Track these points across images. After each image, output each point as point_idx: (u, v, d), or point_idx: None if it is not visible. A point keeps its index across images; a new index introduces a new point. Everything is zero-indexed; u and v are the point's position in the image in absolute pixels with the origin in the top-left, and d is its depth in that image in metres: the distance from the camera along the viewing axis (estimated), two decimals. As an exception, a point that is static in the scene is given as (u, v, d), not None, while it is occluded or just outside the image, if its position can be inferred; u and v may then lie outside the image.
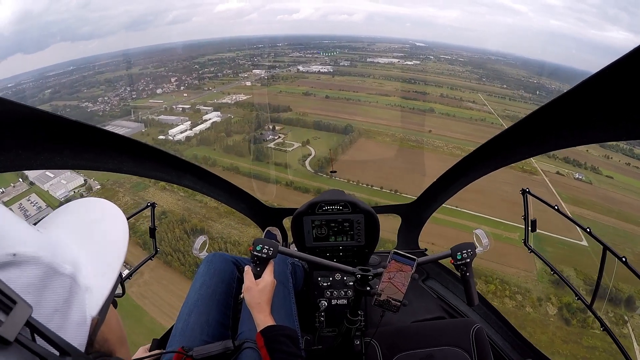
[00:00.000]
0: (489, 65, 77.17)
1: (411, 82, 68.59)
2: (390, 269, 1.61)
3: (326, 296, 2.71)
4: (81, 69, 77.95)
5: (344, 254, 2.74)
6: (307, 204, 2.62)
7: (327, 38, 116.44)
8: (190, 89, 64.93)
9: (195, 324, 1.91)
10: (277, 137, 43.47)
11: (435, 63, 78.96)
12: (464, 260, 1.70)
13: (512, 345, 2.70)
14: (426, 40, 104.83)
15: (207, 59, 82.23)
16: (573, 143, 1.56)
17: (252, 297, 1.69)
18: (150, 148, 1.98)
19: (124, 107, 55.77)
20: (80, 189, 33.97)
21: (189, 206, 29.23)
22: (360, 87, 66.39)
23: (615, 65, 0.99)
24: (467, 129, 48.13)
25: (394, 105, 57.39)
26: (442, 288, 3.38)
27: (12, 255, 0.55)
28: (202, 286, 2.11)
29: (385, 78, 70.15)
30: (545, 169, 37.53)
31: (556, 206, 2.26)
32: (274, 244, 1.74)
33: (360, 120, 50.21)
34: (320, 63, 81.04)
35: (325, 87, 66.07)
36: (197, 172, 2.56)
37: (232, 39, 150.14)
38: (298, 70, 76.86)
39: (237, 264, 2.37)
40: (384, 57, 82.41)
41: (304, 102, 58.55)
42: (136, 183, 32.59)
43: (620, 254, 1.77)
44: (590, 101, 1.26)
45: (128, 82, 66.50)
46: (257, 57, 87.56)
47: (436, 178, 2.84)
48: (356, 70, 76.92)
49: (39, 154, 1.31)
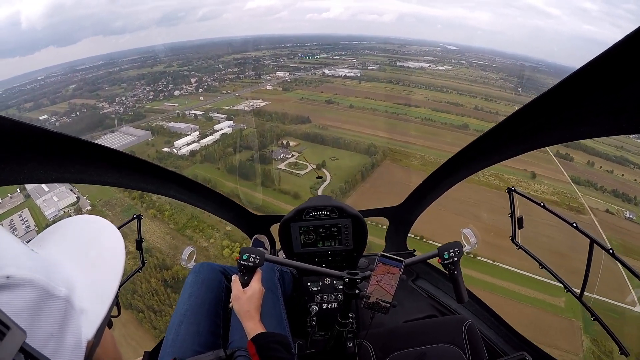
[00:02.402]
0: (523, 73, 69.84)
1: (443, 91, 61.79)
2: (378, 272, 1.61)
3: (317, 301, 2.65)
4: (109, 65, 77.12)
5: (333, 258, 2.69)
6: (294, 211, 2.57)
7: (357, 38, 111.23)
8: (209, 91, 61.32)
9: (186, 335, 1.85)
10: (290, 155, 37.73)
11: (468, 69, 73.25)
12: (452, 259, 1.71)
13: (504, 339, 2.66)
14: (457, 43, 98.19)
15: (233, 57, 79.09)
16: (561, 139, 1.56)
17: (241, 305, 1.66)
18: (135, 159, 1.86)
19: (139, 109, 52.88)
20: (71, 208, 30.65)
21: (177, 243, 24.67)
22: (388, 95, 60.04)
23: (601, 58, 0.96)
24: None
25: (424, 118, 50.48)
26: (432, 287, 3.32)
27: (5, 277, 0.53)
28: (190, 296, 2.04)
29: (415, 85, 63.77)
30: (593, 206, 32.17)
31: (542, 203, 2.22)
32: (260, 252, 1.71)
33: (385, 138, 43.43)
34: (348, 66, 75.75)
35: (350, 95, 60.08)
36: (183, 183, 2.48)
37: (261, 37, 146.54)
38: (323, 73, 71.77)
39: (225, 273, 2.29)
40: (414, 61, 76.68)
41: (325, 112, 52.71)
42: (127, 207, 28.47)
43: None
44: (577, 96, 1.23)
45: (150, 80, 64.49)
46: (282, 58, 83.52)
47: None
48: (385, 75, 70.77)
49: (23, 167, 1.26)
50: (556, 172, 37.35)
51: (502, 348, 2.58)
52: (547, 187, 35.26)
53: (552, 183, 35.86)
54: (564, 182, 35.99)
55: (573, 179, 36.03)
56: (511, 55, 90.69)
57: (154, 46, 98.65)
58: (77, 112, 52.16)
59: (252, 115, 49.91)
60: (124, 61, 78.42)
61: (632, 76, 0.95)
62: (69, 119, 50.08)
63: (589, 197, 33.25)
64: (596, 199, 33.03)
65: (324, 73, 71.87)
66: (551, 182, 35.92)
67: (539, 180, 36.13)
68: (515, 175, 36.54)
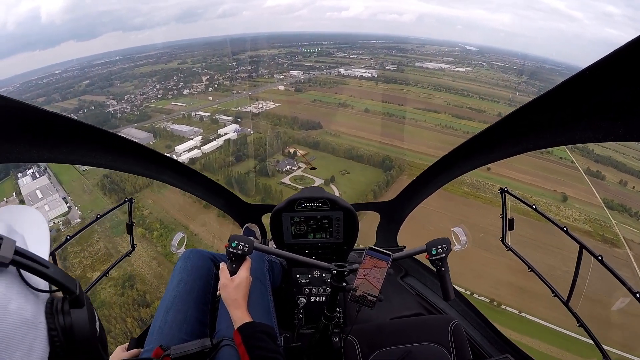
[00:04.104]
0: (546, 76, 63.64)
1: (464, 95, 56.81)
2: (365, 265, 1.59)
3: (305, 293, 2.66)
4: (124, 60, 75.60)
5: (323, 251, 2.64)
6: (287, 201, 2.52)
7: (375, 38, 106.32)
8: (219, 90, 58.12)
9: (173, 322, 1.81)
10: (297, 167, 33.61)
11: (489, 71, 67.98)
12: (439, 255, 1.68)
13: (489, 341, 2.64)
14: (477, 44, 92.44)
15: (248, 55, 75.59)
16: (555, 142, 1.56)
17: (228, 293, 1.65)
18: (129, 142, 1.87)
19: (145, 108, 50.49)
20: (61, 219, 28.35)
21: (162, 271, 21.56)
22: (406, 98, 55.30)
23: (596, 65, 1.00)
24: (532, 166, 36.20)
25: (444, 126, 45.95)
26: (421, 285, 3.30)
27: None
28: (179, 283, 1.99)
29: (434, 88, 58.84)
30: (628, 237, 27.33)
31: (534, 205, 2.24)
32: (249, 241, 1.68)
33: (403, 148, 38.98)
34: (365, 66, 70.90)
35: (366, 97, 55.46)
36: (177, 168, 2.51)
37: (279, 34, 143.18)
38: (339, 73, 67.26)
39: (215, 261, 2.24)
40: (433, 61, 71.26)
41: (338, 117, 48.50)
42: (117, 222, 25.70)
43: None
44: (571, 101, 1.26)
45: (161, 77, 62.00)
46: (298, 56, 79.97)
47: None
48: (403, 76, 65.66)
49: (15, 146, 1.24)
50: (588, 194, 32.46)
51: (487, 350, 2.54)
52: (579, 214, 30.47)
53: (584, 207, 31.05)
54: (596, 206, 31.22)
55: (606, 202, 31.23)
56: (532, 57, 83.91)
57: (169, 42, 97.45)
58: (84, 110, 50.41)
59: (259, 118, 46.53)
60: (140, 57, 76.91)
61: (626, 82, 0.98)
62: (76, 116, 48.25)
63: (623, 225, 28.66)
64: (632, 227, 28.52)
65: (340, 73, 67.51)
66: (583, 206, 31.11)
67: (570, 204, 31.41)
68: (544, 197, 32.08)
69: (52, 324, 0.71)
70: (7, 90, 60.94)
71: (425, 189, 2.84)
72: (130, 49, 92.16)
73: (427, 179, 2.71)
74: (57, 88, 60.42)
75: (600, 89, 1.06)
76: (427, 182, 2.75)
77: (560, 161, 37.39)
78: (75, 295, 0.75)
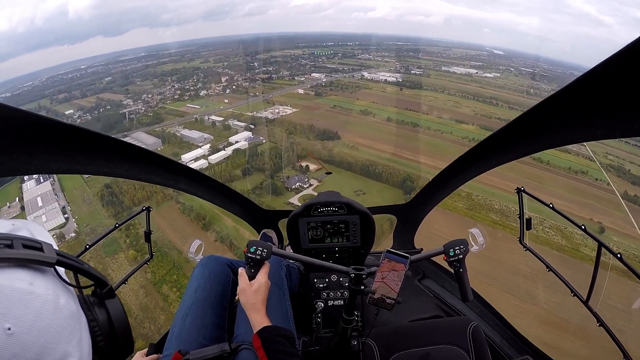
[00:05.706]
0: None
1: (492, 104, 52.64)
2: (383, 268, 1.57)
3: (323, 297, 2.61)
4: (149, 57, 74.88)
5: (340, 255, 2.63)
6: (303, 206, 2.50)
7: (402, 39, 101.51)
8: (237, 92, 55.69)
9: (191, 327, 1.81)
10: (307, 184, 30.25)
11: (517, 77, 63.69)
12: (457, 256, 1.65)
13: (509, 342, 2.59)
14: (504, 48, 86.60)
15: (270, 55, 73.31)
16: (570, 140, 1.55)
17: (247, 298, 1.64)
18: (145, 152, 1.87)
19: (160, 109, 48.82)
20: (55, 231, 26.66)
21: (149, 303, 18.92)
22: (432, 106, 51.37)
23: (604, 64, 1.00)
24: (567, 189, 31.36)
25: (472, 139, 41.57)
26: (439, 287, 3.23)
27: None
28: (197, 289, 1.98)
29: (462, 95, 54.72)
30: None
31: (551, 204, 2.19)
32: (267, 246, 1.68)
33: (427, 165, 34.69)
34: (389, 70, 67.01)
35: (390, 103, 51.75)
36: (192, 175, 2.49)
37: (304, 34, 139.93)
38: (362, 76, 63.80)
39: (232, 267, 2.21)
40: (460, 66, 67.17)
41: (358, 126, 44.86)
42: (110, 241, 23.52)
43: None
44: (582, 99, 1.26)
45: (181, 77, 60.67)
46: (322, 58, 76.73)
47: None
48: (429, 81, 61.64)
49: (34, 158, 1.27)
50: (625, 224, 27.40)
51: (506, 351, 2.51)
52: (616, 248, 25.33)
53: (622, 241, 26.14)
54: (635, 239, 26.56)
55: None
56: (560, 62, 79.28)
57: (193, 40, 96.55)
58: (100, 109, 49.30)
59: (274, 125, 43.61)
60: (164, 54, 76.07)
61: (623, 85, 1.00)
62: (91, 116, 47.19)
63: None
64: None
65: (363, 76, 64.00)
66: (620, 240, 26.24)
67: (607, 236, 26.47)
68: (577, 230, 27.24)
69: (90, 316, 0.78)
70: (32, 84, 61.07)
71: (442, 191, 2.80)
72: (156, 45, 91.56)
73: (443, 181, 2.63)
74: (79, 84, 59.93)
75: (615, 84, 1.05)
76: (443, 184, 2.69)
77: (596, 183, 32.51)
78: (110, 287, 0.82)
